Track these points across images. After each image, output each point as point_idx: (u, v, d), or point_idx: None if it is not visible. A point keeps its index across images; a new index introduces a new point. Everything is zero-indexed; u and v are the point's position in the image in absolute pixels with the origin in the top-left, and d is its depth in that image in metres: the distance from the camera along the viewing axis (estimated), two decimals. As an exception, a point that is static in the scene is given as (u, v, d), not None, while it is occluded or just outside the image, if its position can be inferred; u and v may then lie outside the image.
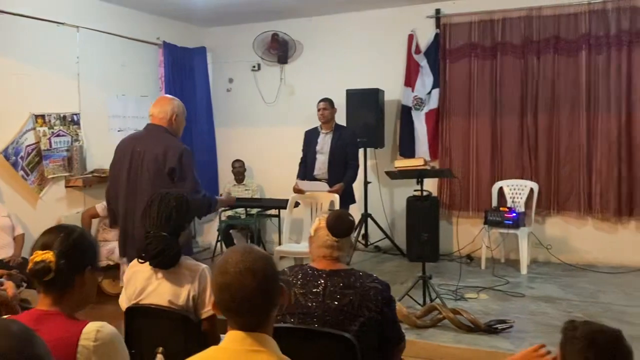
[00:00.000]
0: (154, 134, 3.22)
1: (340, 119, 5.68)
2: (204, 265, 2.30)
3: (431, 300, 4.12)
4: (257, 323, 1.35)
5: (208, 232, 6.80)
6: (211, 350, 1.37)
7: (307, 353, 1.88)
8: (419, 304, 4.13)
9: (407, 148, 6.06)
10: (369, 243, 6.17)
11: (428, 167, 4.50)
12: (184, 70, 6.55)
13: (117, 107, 5.85)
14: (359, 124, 5.75)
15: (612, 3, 5.20)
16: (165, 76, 6.30)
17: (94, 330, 1.47)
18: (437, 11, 5.89)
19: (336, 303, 2.05)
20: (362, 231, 6.07)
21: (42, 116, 4.93)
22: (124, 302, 2.31)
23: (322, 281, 2.10)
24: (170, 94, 6.33)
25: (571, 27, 5.37)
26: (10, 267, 3.66)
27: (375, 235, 6.12)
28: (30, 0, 4.85)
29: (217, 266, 1.35)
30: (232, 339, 1.34)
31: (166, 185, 2.95)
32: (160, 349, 2.01)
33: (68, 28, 5.21)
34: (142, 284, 2.27)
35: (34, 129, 4.85)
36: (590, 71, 5.33)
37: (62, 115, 5.12)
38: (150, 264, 2.24)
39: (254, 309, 1.33)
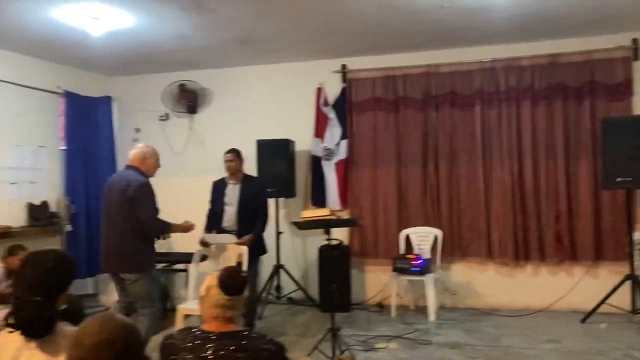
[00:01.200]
0: (126, 172, 4.14)
1: (251, 169, 5.66)
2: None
3: (341, 353, 4.07)
4: None
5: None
6: None
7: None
8: (329, 358, 4.06)
9: (318, 197, 6.12)
10: (281, 295, 6.07)
11: (334, 217, 4.54)
12: (87, 120, 6.29)
13: (11, 158, 5.49)
14: (270, 174, 5.75)
15: (500, 62, 5.64)
16: (66, 126, 6.02)
17: None
18: (343, 66, 6.12)
19: (225, 367, 1.95)
20: (275, 283, 5.97)
21: None
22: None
23: (212, 345, 2.00)
24: (71, 144, 6.08)
25: (466, 83, 5.75)
26: None
27: (288, 286, 6.04)
28: None
29: (72, 337, 1.24)
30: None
31: (129, 210, 3.92)
32: None
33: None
34: (12, 355, 2.05)
35: None
36: (484, 124, 5.70)
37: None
38: (22, 333, 2.03)
39: None
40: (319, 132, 6.17)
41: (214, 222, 4.99)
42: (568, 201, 5.44)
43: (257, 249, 4.85)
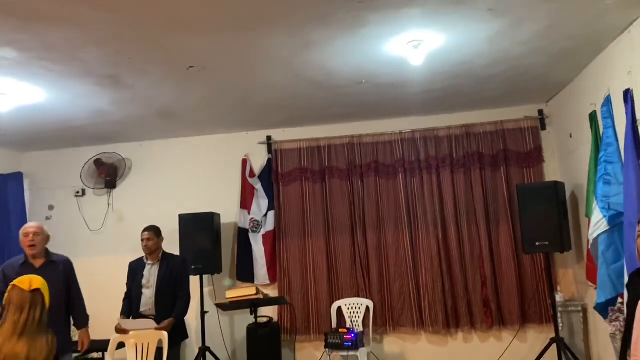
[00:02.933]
0: None
1: (174, 245, 5.40)
2: None
3: None
4: None
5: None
6: None
7: None
8: None
9: (245, 272, 5.91)
10: (208, 380, 5.67)
11: (261, 295, 4.35)
12: (-5, 199, 5.86)
13: None
14: (194, 250, 5.51)
15: (419, 133, 5.84)
16: (-31, 205, 5.56)
17: None
18: (269, 138, 6.12)
19: None
20: (201, 367, 5.59)
21: None
22: None
23: None
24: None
25: (388, 152, 5.89)
26: None
27: (215, 369, 5.67)
28: None
29: None
30: None
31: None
32: None
33: None
34: None
35: None
36: (408, 192, 5.80)
37: None
38: None
39: None
40: (245, 203, 6.04)
41: (131, 307, 4.65)
42: (492, 266, 5.54)
43: (177, 333, 4.55)
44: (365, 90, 4.83)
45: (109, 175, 6.16)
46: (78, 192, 6.30)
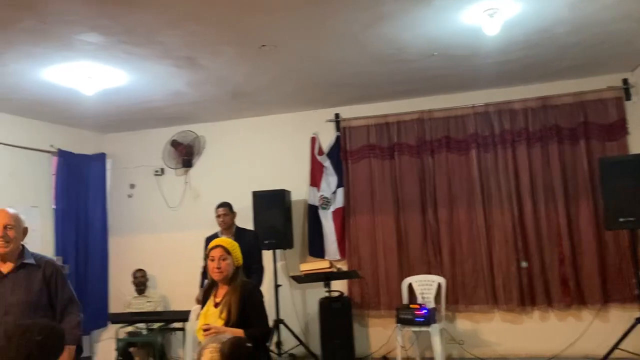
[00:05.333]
0: None
1: (247, 221, 5.57)
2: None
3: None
4: None
5: (105, 351, 6.17)
6: None
7: None
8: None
9: (316, 248, 6.00)
10: (282, 352, 5.85)
11: (334, 269, 4.42)
12: (80, 178, 6.25)
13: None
14: (266, 226, 5.66)
15: (493, 106, 5.66)
16: (57, 184, 5.97)
17: None
18: (337, 115, 6.13)
19: None
20: (275, 339, 5.77)
21: None
22: None
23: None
24: (62, 203, 6.00)
25: (460, 127, 5.75)
26: None
27: (289, 342, 5.84)
28: None
29: None
30: None
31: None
32: None
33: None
34: None
35: None
36: (481, 168, 5.66)
37: None
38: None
39: None
40: (315, 180, 6.12)
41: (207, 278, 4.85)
42: (571, 243, 5.33)
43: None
44: (436, 63, 4.73)
45: (186, 154, 6.41)
46: (157, 171, 6.60)
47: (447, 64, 4.78)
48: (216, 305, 3.02)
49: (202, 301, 3.22)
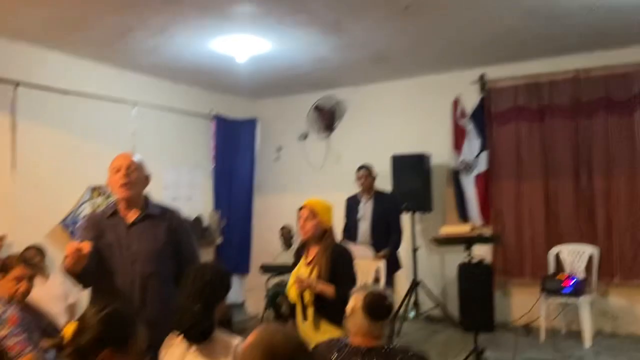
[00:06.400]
0: None
1: (386, 184, 5.67)
2: (239, 339, 2.26)
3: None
4: None
5: (255, 299, 6.76)
6: None
7: None
8: (472, 380, 3.89)
9: (458, 212, 5.91)
10: (419, 312, 5.95)
11: (475, 234, 4.36)
12: (234, 141, 6.81)
13: (171, 178, 6.09)
14: (405, 189, 5.71)
15: (664, 61, 5.06)
16: (216, 147, 6.56)
17: None
18: (482, 76, 5.90)
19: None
20: (412, 299, 5.88)
21: (99, 188, 5.18)
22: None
23: (359, 359, 2.02)
24: (219, 164, 6.62)
25: (621, 87, 5.23)
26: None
27: (426, 304, 5.91)
28: (91, 81, 5.25)
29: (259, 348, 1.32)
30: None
31: None
32: None
33: (125, 105, 5.56)
34: (178, 357, 2.25)
35: (90, 199, 5.10)
36: (647, 132, 5.12)
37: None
38: (184, 337, 2.23)
39: None
40: (457, 144, 5.98)
41: (350, 237, 5.08)
42: None
43: (392, 264, 4.84)
44: (596, 16, 4.32)
45: (328, 119, 6.66)
46: (302, 135, 6.95)
47: (609, 17, 4.35)
48: (307, 264, 3.08)
49: (295, 260, 3.29)
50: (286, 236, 6.54)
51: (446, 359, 4.53)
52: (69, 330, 1.54)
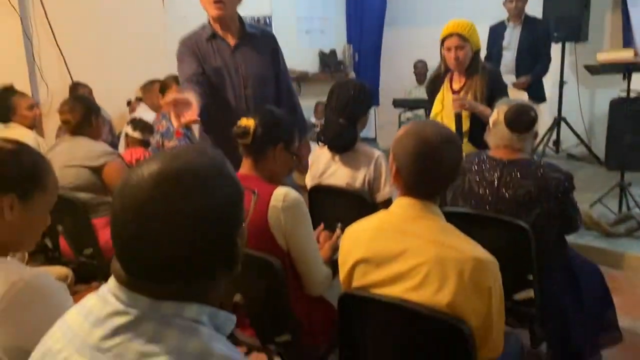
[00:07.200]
0: None
1: (536, 10, 5.11)
2: (380, 152, 2.37)
3: (628, 209, 3.73)
4: (430, 194, 1.42)
5: (387, 135, 6.85)
6: (382, 212, 1.47)
7: (478, 240, 1.88)
8: (613, 213, 3.77)
9: (624, 40, 5.21)
10: (560, 150, 5.68)
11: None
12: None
13: (304, 8, 6.05)
14: (558, 15, 5.11)
15: None
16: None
17: (282, 193, 1.67)
18: None
19: (511, 193, 1.99)
20: (554, 137, 5.59)
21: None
22: (308, 181, 2.52)
23: (498, 171, 2.04)
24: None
25: None
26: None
27: (568, 141, 5.61)
28: None
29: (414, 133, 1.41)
30: (402, 204, 1.41)
31: None
32: (339, 224, 2.18)
33: None
34: (323, 166, 2.44)
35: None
36: None
37: (255, 18, 5.49)
38: (328, 148, 2.39)
39: (433, 181, 1.41)
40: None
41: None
42: None
43: (533, 93, 4.56)
44: None
45: None
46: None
47: None
48: (455, 92, 2.89)
49: (429, 93, 3.07)
50: (420, 71, 6.37)
51: (586, 193, 4.38)
52: (250, 123, 1.74)
